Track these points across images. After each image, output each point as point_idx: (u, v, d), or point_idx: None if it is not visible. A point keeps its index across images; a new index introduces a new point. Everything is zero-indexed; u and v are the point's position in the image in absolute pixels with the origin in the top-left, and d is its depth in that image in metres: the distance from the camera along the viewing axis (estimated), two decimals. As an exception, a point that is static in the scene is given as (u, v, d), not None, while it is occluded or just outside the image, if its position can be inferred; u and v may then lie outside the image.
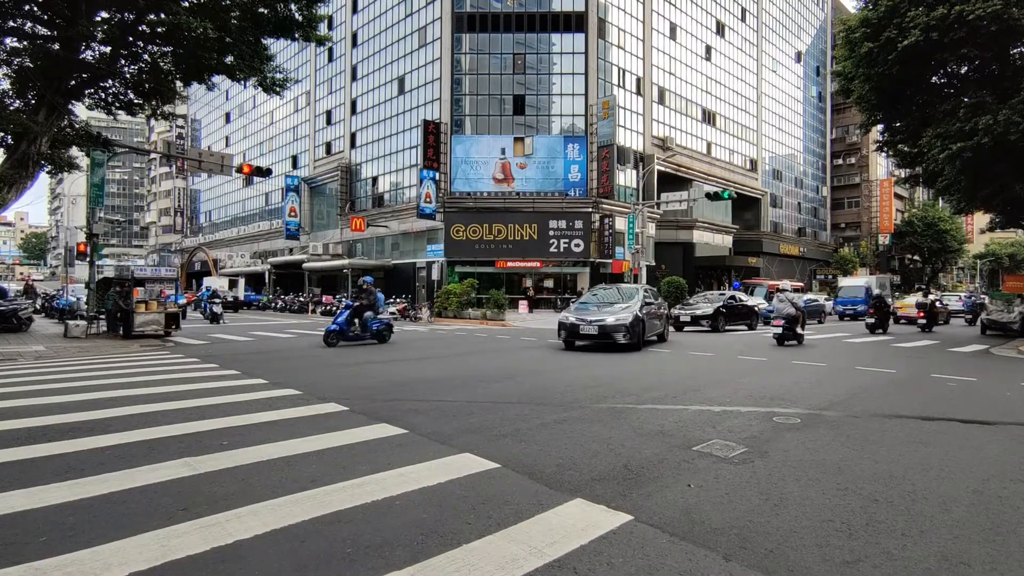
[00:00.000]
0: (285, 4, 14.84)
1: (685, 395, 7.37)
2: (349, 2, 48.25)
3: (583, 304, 14.83)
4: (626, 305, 13.96)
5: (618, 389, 7.80)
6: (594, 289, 17.42)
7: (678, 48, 45.97)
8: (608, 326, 12.98)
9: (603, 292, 16.11)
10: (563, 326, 13.63)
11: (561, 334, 13.69)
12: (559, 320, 14.07)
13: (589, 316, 13.41)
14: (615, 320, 13.08)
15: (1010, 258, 77.17)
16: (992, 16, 16.35)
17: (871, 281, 31.79)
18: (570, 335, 13.44)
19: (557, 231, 36.51)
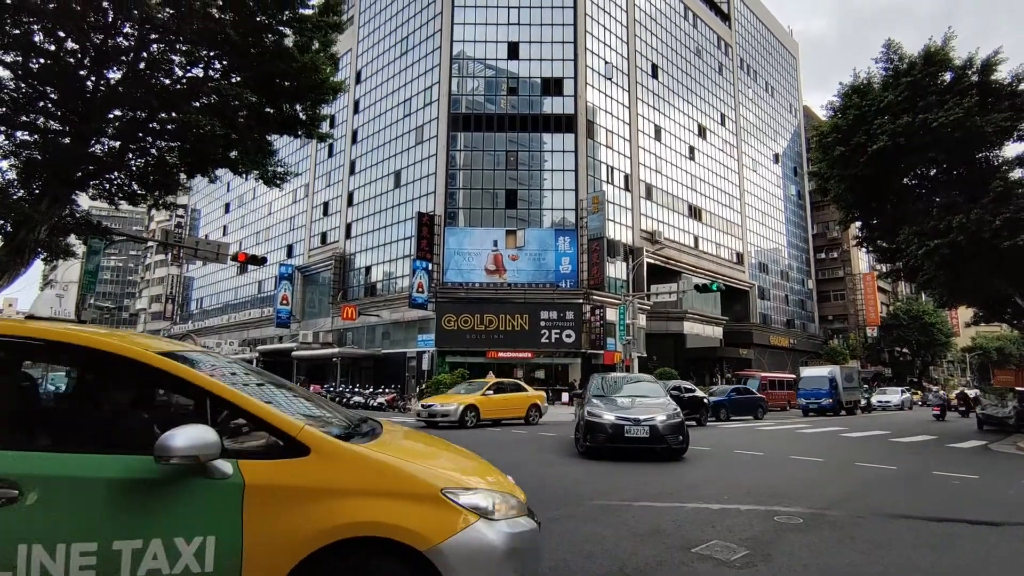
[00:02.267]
0: (291, 105, 15.64)
1: (680, 492, 7.12)
2: (351, 103, 51.03)
3: (605, 396, 11.49)
4: (662, 400, 11.33)
5: (610, 485, 7.53)
6: (605, 376, 13.63)
7: (663, 148, 48.47)
8: (662, 426, 10.10)
9: (621, 380, 13.20)
10: (598, 428, 10.23)
11: (588, 438, 10.35)
12: (587, 420, 10.51)
13: (632, 413, 10.40)
14: (665, 418, 10.26)
15: (998, 351, 77.76)
16: (955, 123, 17.49)
17: (835, 371, 29.51)
18: (612, 439, 10.06)
19: (548, 322, 36.66)
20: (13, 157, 14.27)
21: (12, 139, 14.10)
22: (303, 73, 14.54)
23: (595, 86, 41.99)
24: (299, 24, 14.54)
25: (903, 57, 20.14)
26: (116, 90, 13.61)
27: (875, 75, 20.99)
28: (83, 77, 13.31)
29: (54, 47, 12.86)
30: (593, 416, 10.52)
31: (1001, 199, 17.34)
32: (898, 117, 18.66)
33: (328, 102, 16.38)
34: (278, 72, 14.50)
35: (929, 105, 18.36)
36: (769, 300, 60.32)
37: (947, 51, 19.43)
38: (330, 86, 15.48)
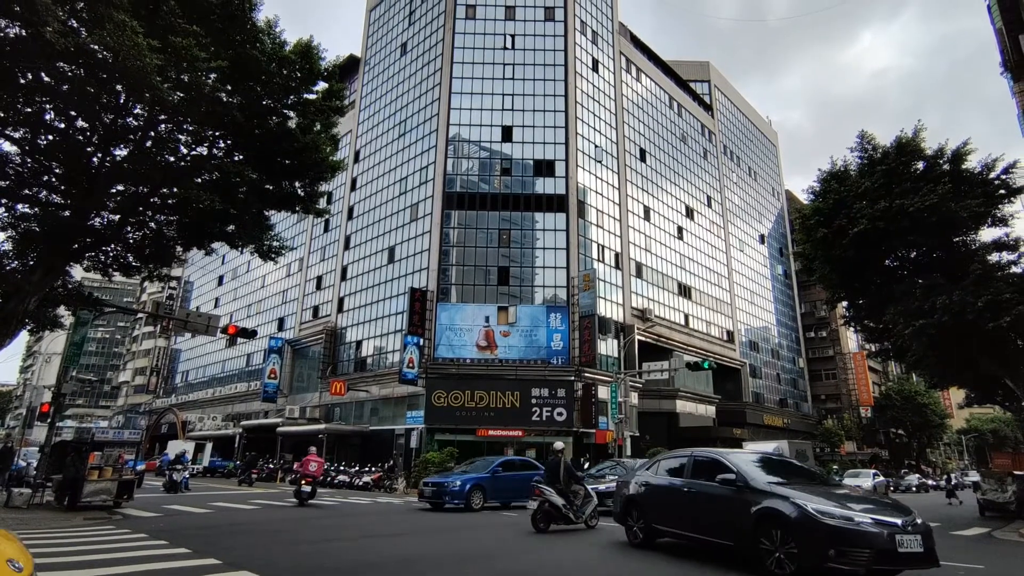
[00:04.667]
0: (291, 182, 16.07)
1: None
2: (349, 180, 52.50)
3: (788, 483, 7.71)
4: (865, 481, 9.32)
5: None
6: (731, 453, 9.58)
7: (652, 228, 49.75)
8: (926, 530, 7.03)
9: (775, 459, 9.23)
10: (850, 538, 6.46)
11: (824, 554, 6.47)
12: (820, 523, 6.62)
13: (882, 513, 6.92)
14: (916, 517, 7.16)
15: (993, 434, 76.98)
16: (930, 208, 18.18)
17: (782, 448, 27.29)
18: (882, 558, 6.42)
19: (539, 399, 36.15)
20: (11, 229, 14.35)
21: (12, 211, 14.24)
22: (304, 152, 15.03)
23: (586, 168, 43.61)
24: (303, 108, 15.18)
25: (877, 147, 21.19)
26: (121, 166, 13.95)
27: (851, 163, 21.99)
28: (90, 154, 13.67)
29: (64, 125, 13.28)
30: (830, 518, 6.55)
31: (981, 282, 17.75)
32: (876, 202, 19.38)
33: (327, 180, 16.84)
34: (280, 151, 14.97)
35: (905, 191, 19.14)
36: (761, 378, 60.06)
37: (918, 141, 20.49)
38: (330, 165, 15.97)
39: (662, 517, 9.15)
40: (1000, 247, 19.88)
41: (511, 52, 44.89)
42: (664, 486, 9.26)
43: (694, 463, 9.00)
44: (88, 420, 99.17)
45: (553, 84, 44.09)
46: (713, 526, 8.10)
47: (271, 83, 14.21)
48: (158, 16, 11.82)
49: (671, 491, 9.02)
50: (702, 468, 8.74)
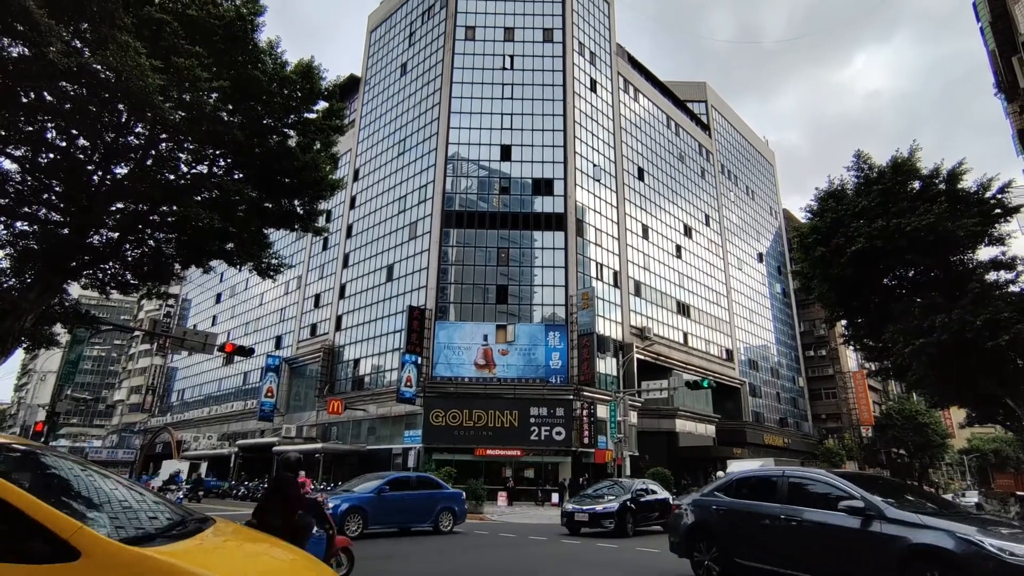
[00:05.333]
0: (290, 200, 16.10)
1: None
2: (348, 199, 52.72)
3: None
4: None
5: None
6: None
7: (651, 246, 49.89)
8: None
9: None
10: None
11: None
12: None
13: None
14: None
15: (995, 454, 76.46)
16: (927, 227, 18.25)
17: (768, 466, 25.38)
18: None
19: (538, 418, 35.91)
20: (9, 246, 14.32)
21: (11, 229, 14.21)
22: (304, 171, 15.08)
23: (584, 187, 43.86)
24: (303, 127, 15.27)
25: (873, 166, 21.34)
26: (121, 184, 13.98)
27: (848, 182, 22.13)
28: (90, 172, 13.70)
29: (65, 143, 13.33)
30: (1012, 556, 5.43)
31: (979, 300, 17.77)
32: (873, 221, 19.48)
33: (326, 198, 16.89)
34: (280, 170, 15.02)
35: (901, 211, 19.24)
36: (761, 398, 59.79)
37: (914, 161, 20.64)
38: (329, 183, 16.02)
39: (750, 550, 7.73)
40: (997, 266, 19.92)
41: (510, 72, 45.41)
42: (749, 512, 7.80)
43: (790, 485, 7.60)
44: (82, 439, 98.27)
45: (551, 104, 44.53)
46: (831, 564, 6.79)
47: (272, 102, 14.32)
48: (161, 37, 11.94)
49: (761, 518, 7.58)
50: (804, 492, 7.43)
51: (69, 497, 2.50)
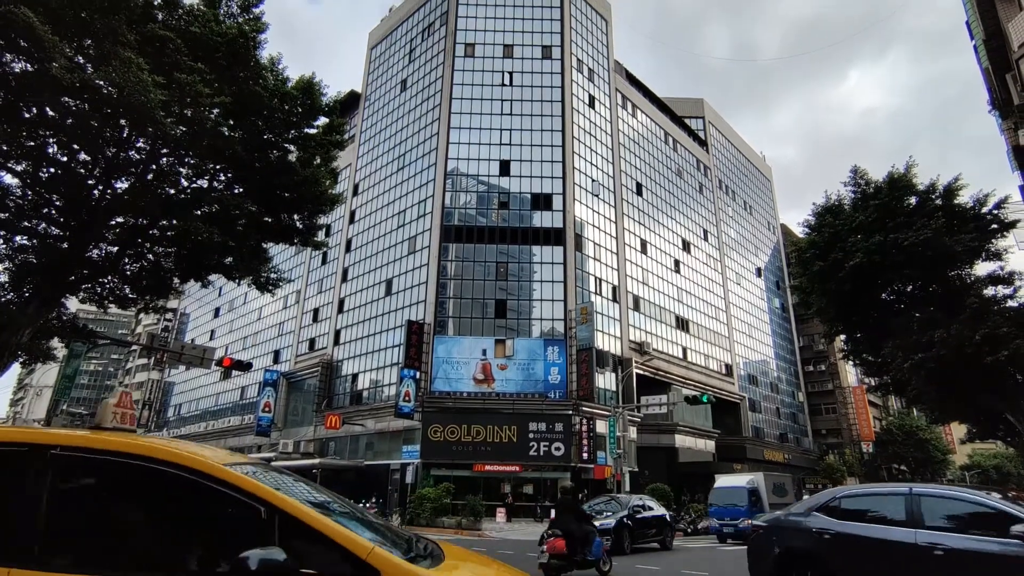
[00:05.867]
0: (290, 215, 16.16)
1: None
2: (347, 213, 52.85)
3: None
4: None
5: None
6: None
7: (649, 261, 49.98)
8: None
9: None
10: None
11: None
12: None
13: None
14: None
15: (996, 470, 76.02)
16: (925, 243, 18.34)
17: (757, 480, 23.50)
18: None
19: (537, 434, 35.70)
20: (8, 261, 14.30)
21: (11, 243, 14.22)
22: (304, 185, 15.14)
23: (583, 202, 44.03)
24: (304, 142, 15.36)
25: (869, 182, 21.50)
26: (121, 199, 14.01)
27: (845, 197, 22.28)
28: (91, 186, 13.75)
29: (66, 158, 13.39)
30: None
31: (978, 316, 17.80)
32: (871, 236, 19.57)
33: (326, 213, 16.94)
34: (280, 184, 15.08)
35: (899, 226, 19.34)
36: (760, 413, 59.55)
37: (910, 177, 20.80)
38: (329, 198, 16.08)
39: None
40: (995, 281, 19.99)
41: (509, 89, 45.79)
42: (872, 539, 6.52)
43: (922, 504, 6.34)
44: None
45: (550, 120, 44.86)
46: None
47: (273, 118, 14.42)
48: (164, 54, 12.05)
49: (887, 546, 6.32)
50: (944, 513, 6.22)
51: (333, 517, 2.54)
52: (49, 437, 2.42)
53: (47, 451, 2.33)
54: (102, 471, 2.49)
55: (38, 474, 2.32)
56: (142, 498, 2.60)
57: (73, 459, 2.38)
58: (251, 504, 2.41)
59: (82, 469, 2.44)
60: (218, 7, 13.76)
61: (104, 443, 2.42)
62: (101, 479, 2.51)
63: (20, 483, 2.32)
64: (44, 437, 2.43)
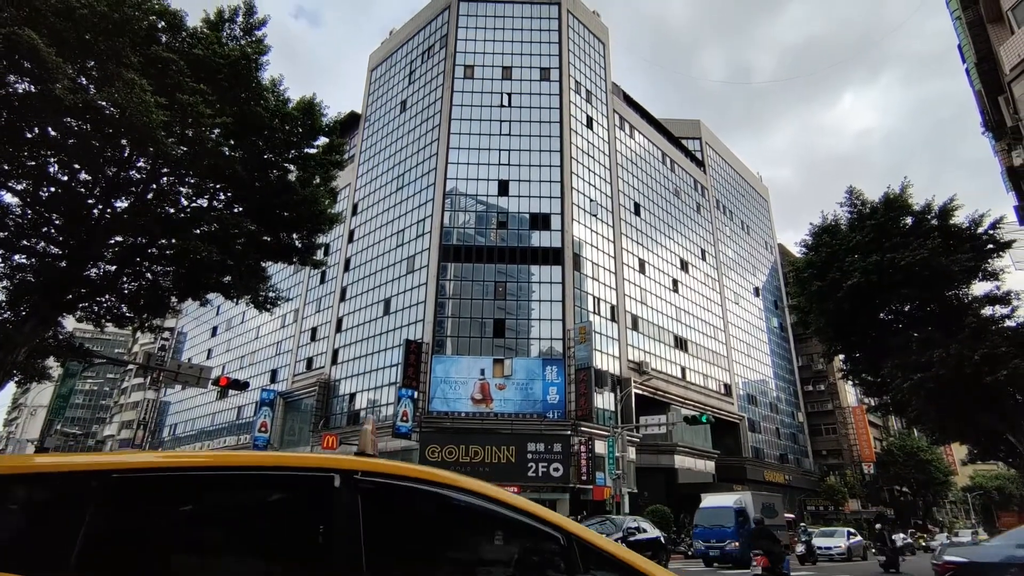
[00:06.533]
0: (289, 234, 16.19)
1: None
2: (346, 233, 52.99)
3: None
4: None
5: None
6: None
7: (648, 281, 50.05)
8: None
9: None
10: None
11: None
12: None
13: None
14: None
15: (998, 491, 75.35)
16: (921, 262, 18.40)
17: (745, 500, 22.81)
18: None
19: (535, 454, 35.38)
20: (6, 279, 14.27)
21: (9, 262, 14.20)
22: (303, 205, 15.20)
23: (581, 222, 44.23)
24: (304, 161, 15.45)
25: (865, 202, 21.64)
26: (121, 218, 14.04)
27: (841, 217, 22.41)
28: (91, 205, 13.78)
29: (67, 178, 13.44)
30: None
31: (977, 335, 17.79)
32: (868, 256, 19.64)
33: (325, 232, 16.98)
34: (279, 203, 15.13)
35: (895, 246, 19.44)
36: (760, 433, 59.14)
37: (905, 197, 20.95)
38: (328, 217, 16.13)
39: None
40: (992, 301, 20.04)
41: (508, 110, 46.27)
42: None
43: None
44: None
45: (549, 140, 45.25)
46: None
47: (273, 138, 14.53)
48: (167, 75, 12.18)
49: None
50: None
51: None
52: (351, 463, 2.37)
53: (351, 476, 2.30)
54: (403, 498, 2.47)
55: (350, 499, 2.27)
56: (449, 527, 2.59)
57: (376, 484, 2.34)
58: (551, 533, 2.40)
59: (385, 495, 2.40)
60: (221, 30, 13.95)
61: (403, 471, 2.39)
62: (404, 506, 2.48)
63: (329, 507, 2.27)
64: (348, 463, 2.37)
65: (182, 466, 2.36)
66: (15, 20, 10.17)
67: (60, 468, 2.20)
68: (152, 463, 2.37)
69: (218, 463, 2.41)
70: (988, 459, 26.66)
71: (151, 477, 2.24)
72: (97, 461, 2.20)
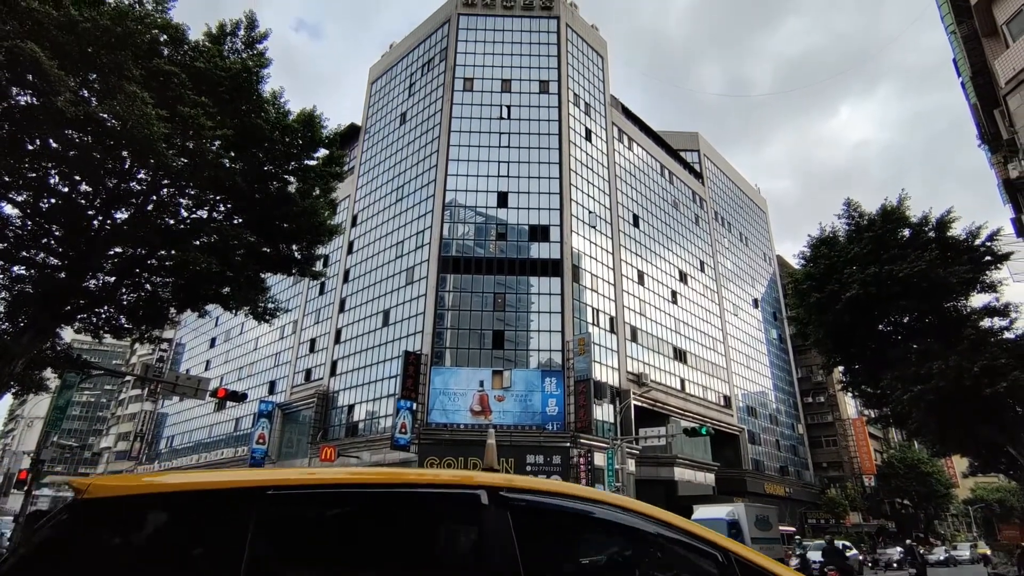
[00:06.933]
0: (288, 245, 16.21)
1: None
2: (346, 244, 53.05)
3: None
4: None
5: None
6: None
7: (647, 292, 50.08)
8: None
9: None
10: None
11: None
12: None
13: None
14: None
15: (999, 504, 74.95)
16: (920, 274, 18.43)
17: (738, 511, 22.57)
18: None
19: (534, 466, 35.21)
20: (5, 291, 14.26)
21: (8, 273, 14.20)
22: (303, 216, 15.24)
23: (580, 233, 44.33)
24: (303, 173, 15.51)
25: (863, 214, 21.72)
26: (121, 229, 14.06)
27: (839, 229, 22.47)
28: (91, 217, 13.81)
29: (67, 189, 13.48)
30: None
31: (976, 347, 17.79)
32: (866, 267, 19.68)
33: (324, 243, 17.01)
34: (279, 215, 15.17)
35: (893, 257, 19.48)
36: (760, 445, 58.89)
37: (903, 209, 21.03)
38: (327, 229, 16.16)
39: None
40: (991, 312, 20.05)
41: (507, 122, 46.54)
42: None
43: None
44: (65, 488, 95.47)
45: (548, 152, 45.48)
46: None
47: (274, 150, 14.60)
48: (169, 88, 12.26)
49: None
50: None
51: None
52: (495, 480, 2.34)
53: (497, 492, 2.27)
54: (554, 515, 2.42)
55: (499, 517, 2.23)
56: (604, 544, 2.54)
57: (527, 502, 2.30)
58: (708, 551, 2.34)
59: (535, 512, 2.34)
60: (223, 43, 14.06)
61: (549, 487, 2.35)
62: (555, 523, 2.42)
63: (479, 525, 2.24)
64: (491, 480, 2.35)
65: (333, 483, 2.33)
66: (18, 33, 10.25)
67: (223, 485, 2.16)
68: (303, 480, 2.33)
69: (367, 480, 2.39)
70: (989, 471, 26.53)
71: (303, 494, 2.22)
72: (253, 478, 2.19)
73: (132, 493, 2.04)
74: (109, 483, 2.05)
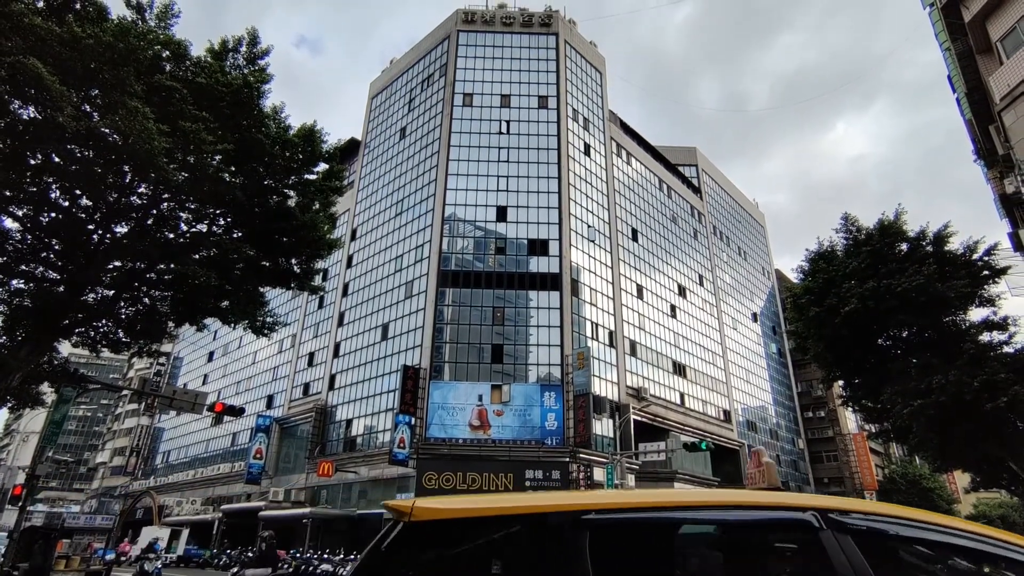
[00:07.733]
0: (287, 259, 16.23)
1: None
2: (345, 258, 53.11)
3: None
4: None
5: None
6: None
7: (645, 306, 50.07)
8: None
9: None
10: None
11: None
12: None
13: None
14: None
15: (1002, 519, 74.39)
16: (918, 288, 18.44)
17: None
18: None
19: (534, 481, 34.95)
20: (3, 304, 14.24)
21: (7, 287, 14.18)
22: (302, 230, 15.27)
23: (579, 247, 44.42)
24: (303, 187, 15.57)
25: (861, 228, 21.79)
26: (120, 243, 14.08)
27: (837, 243, 22.53)
28: (91, 231, 13.83)
29: (68, 203, 13.51)
30: None
31: (976, 361, 17.75)
32: (864, 282, 19.69)
33: (323, 257, 17.02)
34: (278, 229, 15.20)
35: (891, 272, 19.51)
36: (761, 460, 58.55)
37: (900, 224, 21.10)
38: (327, 243, 16.19)
39: None
40: (990, 327, 20.04)
41: (506, 137, 46.84)
42: None
43: None
44: (60, 504, 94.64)
45: (547, 167, 45.72)
46: None
47: (274, 164, 14.67)
48: (170, 103, 12.35)
49: None
50: None
51: None
52: (822, 501, 2.26)
53: (826, 514, 2.19)
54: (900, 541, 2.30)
55: (843, 544, 2.13)
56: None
57: (868, 526, 2.21)
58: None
59: (879, 538, 2.24)
60: (225, 59, 14.18)
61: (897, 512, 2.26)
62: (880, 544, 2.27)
63: (820, 554, 2.13)
64: (820, 502, 2.26)
65: (654, 506, 2.31)
66: (20, 49, 10.33)
67: (537, 510, 2.23)
68: (621, 503, 2.35)
69: (687, 503, 2.36)
70: (991, 487, 26.32)
71: (623, 519, 2.24)
72: (570, 502, 2.27)
73: (451, 517, 2.26)
74: (430, 507, 2.27)
